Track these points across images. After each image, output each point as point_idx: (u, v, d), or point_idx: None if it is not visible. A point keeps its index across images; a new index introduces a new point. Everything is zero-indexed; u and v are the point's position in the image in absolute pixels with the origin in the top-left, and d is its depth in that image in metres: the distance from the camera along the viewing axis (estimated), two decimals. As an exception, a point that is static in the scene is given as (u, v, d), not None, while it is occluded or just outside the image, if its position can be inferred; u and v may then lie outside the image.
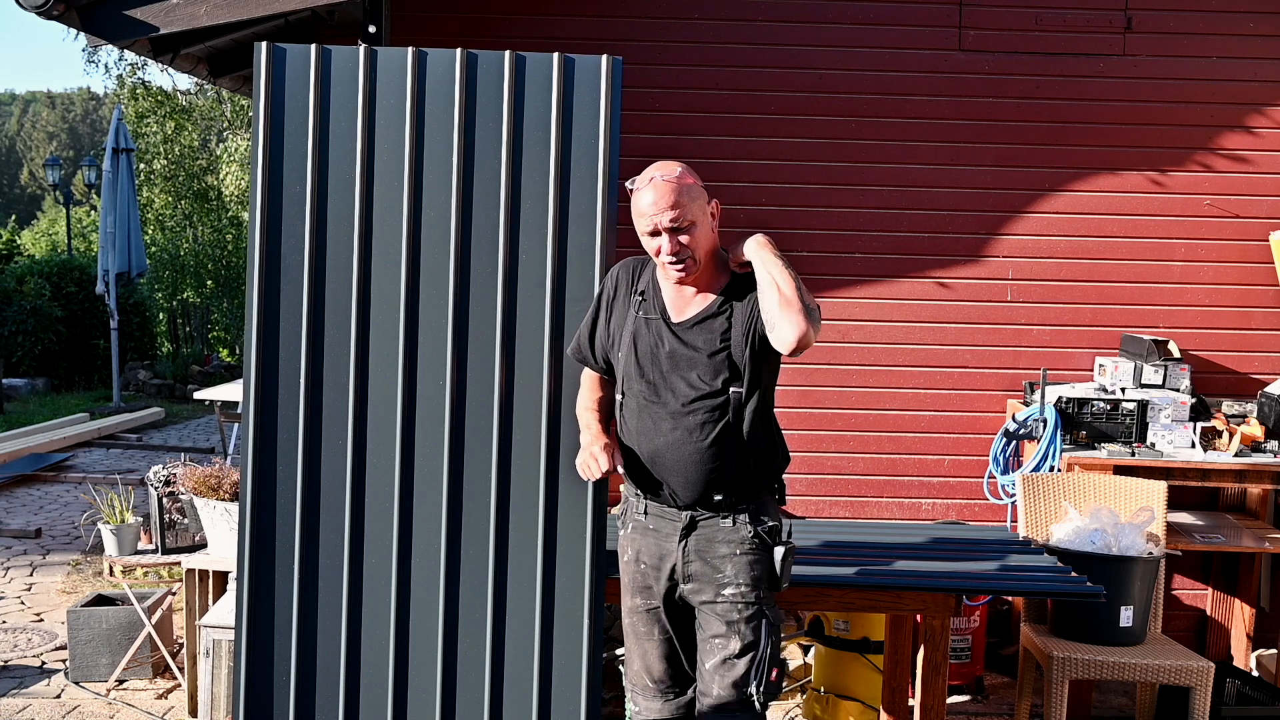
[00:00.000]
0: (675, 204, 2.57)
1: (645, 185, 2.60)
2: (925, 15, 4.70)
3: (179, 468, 4.35)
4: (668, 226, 2.57)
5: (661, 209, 2.57)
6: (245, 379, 2.95)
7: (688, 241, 2.59)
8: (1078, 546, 3.77)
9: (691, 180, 2.63)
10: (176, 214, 17.11)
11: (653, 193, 2.58)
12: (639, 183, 2.64)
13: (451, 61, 2.95)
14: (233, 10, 4.15)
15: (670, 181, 2.59)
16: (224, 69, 5.73)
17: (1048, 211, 4.76)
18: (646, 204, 2.59)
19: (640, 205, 2.60)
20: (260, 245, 2.94)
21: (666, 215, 2.56)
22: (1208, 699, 3.61)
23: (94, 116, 48.27)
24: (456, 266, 2.95)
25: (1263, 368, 4.80)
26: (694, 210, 2.60)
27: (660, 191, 2.58)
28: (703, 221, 2.62)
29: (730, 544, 2.68)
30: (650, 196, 2.58)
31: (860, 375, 4.79)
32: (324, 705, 2.96)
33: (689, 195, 2.60)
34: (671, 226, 2.57)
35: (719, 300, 2.68)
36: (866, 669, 3.96)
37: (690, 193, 2.60)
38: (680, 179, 2.60)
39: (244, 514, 2.96)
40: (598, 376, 2.87)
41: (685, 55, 4.70)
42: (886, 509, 4.83)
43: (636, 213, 2.62)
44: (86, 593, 5.41)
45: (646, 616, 2.80)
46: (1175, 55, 4.71)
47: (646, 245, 2.65)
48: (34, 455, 9.41)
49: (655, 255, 2.64)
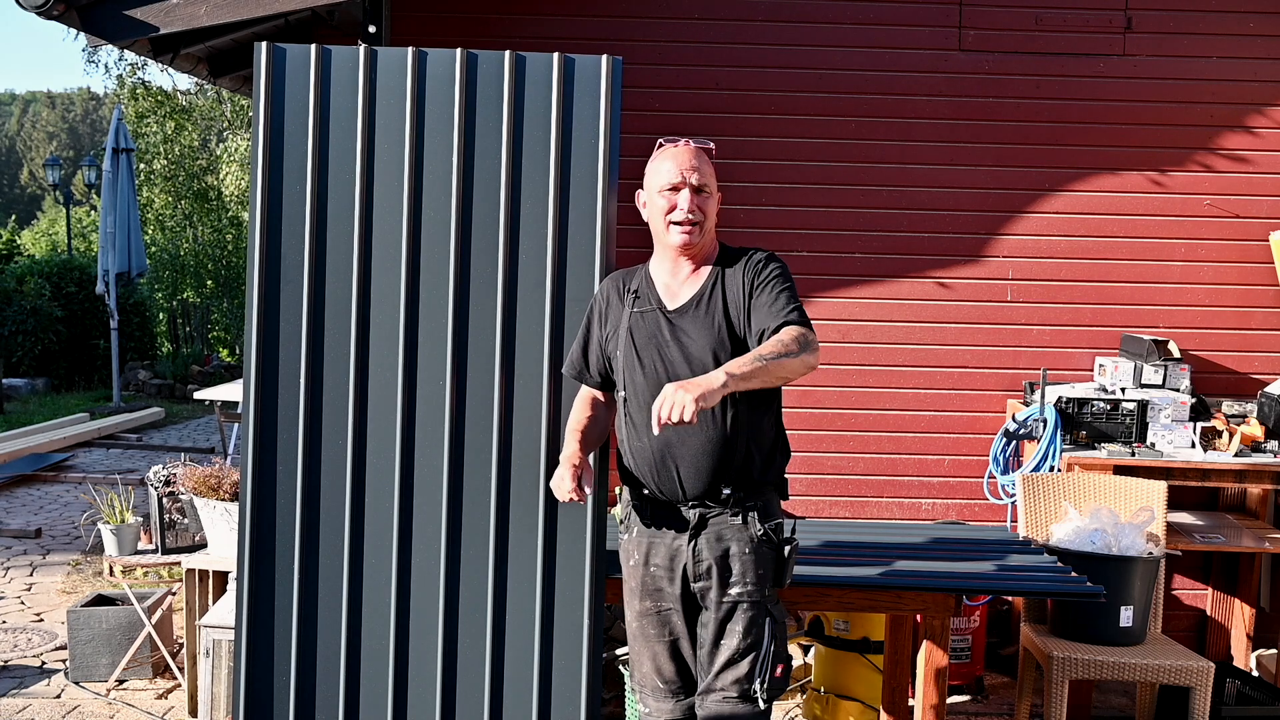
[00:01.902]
0: (704, 169, 2.71)
1: (680, 144, 2.74)
2: (925, 15, 4.70)
3: (179, 468, 4.35)
4: (694, 184, 2.68)
5: (692, 166, 2.69)
6: (245, 379, 2.95)
7: (704, 206, 2.70)
8: (1078, 546, 3.77)
9: (712, 160, 2.78)
10: (176, 214, 17.13)
11: (687, 152, 2.72)
12: (671, 143, 2.75)
13: (451, 61, 2.95)
14: (233, 10, 4.15)
15: (702, 148, 2.75)
16: (224, 69, 5.73)
17: (1048, 211, 4.76)
18: (679, 158, 2.70)
19: (669, 163, 2.70)
20: (260, 245, 2.94)
21: (695, 174, 2.68)
22: (1208, 699, 3.61)
23: (94, 116, 48.28)
24: (456, 266, 2.95)
25: (1263, 368, 4.80)
26: (713, 183, 2.74)
27: (692, 152, 2.72)
28: (716, 197, 2.76)
29: (740, 541, 2.68)
30: (685, 154, 2.71)
31: (860, 375, 4.79)
32: (324, 705, 2.96)
33: (712, 169, 2.75)
34: (697, 184, 2.68)
35: (711, 278, 2.74)
36: (866, 669, 3.96)
37: (713, 169, 2.76)
38: (710, 151, 2.77)
39: (244, 514, 2.96)
40: (590, 396, 2.87)
41: (685, 55, 4.70)
42: (886, 509, 4.83)
43: (660, 170, 2.71)
44: (86, 593, 5.41)
45: (657, 619, 2.79)
46: (1175, 55, 4.72)
47: (658, 204, 2.70)
48: (34, 455, 9.41)
49: (667, 214, 2.69)
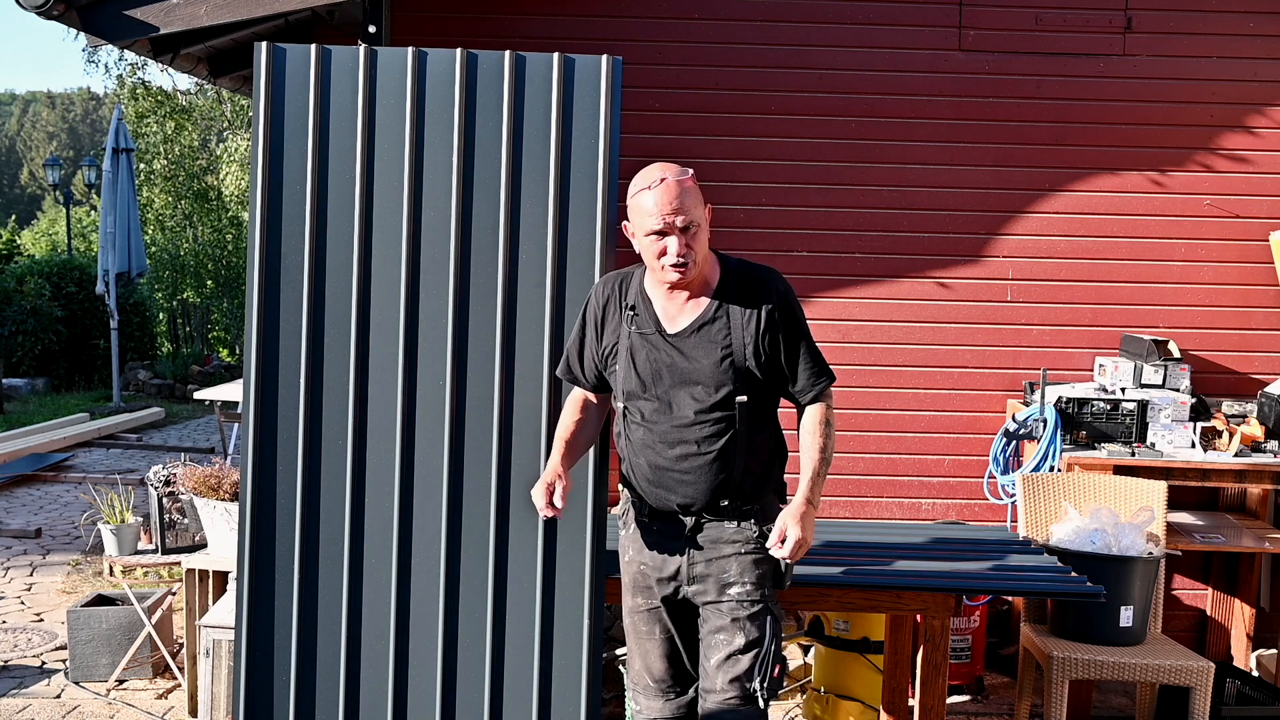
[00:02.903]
0: (687, 205, 2.55)
1: (657, 184, 2.55)
2: (925, 15, 4.70)
3: (179, 468, 4.35)
4: (679, 226, 2.54)
5: (675, 209, 2.53)
6: (245, 379, 2.95)
7: (693, 244, 2.57)
8: (1078, 546, 3.77)
9: (694, 183, 2.61)
10: (176, 214, 17.12)
11: (666, 192, 2.54)
12: (647, 180, 2.58)
13: (451, 61, 2.95)
14: (233, 10, 4.15)
15: (682, 182, 2.56)
16: (224, 69, 5.73)
17: (1048, 211, 4.76)
18: (659, 202, 2.53)
19: (650, 204, 2.55)
20: (260, 245, 2.94)
21: (679, 216, 2.53)
22: (1208, 699, 3.61)
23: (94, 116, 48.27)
24: (456, 266, 2.95)
25: (1263, 368, 4.80)
26: (699, 212, 2.58)
27: (674, 191, 2.54)
28: (704, 225, 2.61)
29: (735, 544, 2.68)
30: (665, 195, 2.53)
31: (860, 375, 4.79)
32: (324, 705, 2.96)
33: (695, 197, 2.58)
34: (682, 225, 2.54)
35: (713, 305, 2.65)
36: (866, 669, 3.96)
37: (696, 194, 2.59)
38: (690, 180, 2.59)
39: (244, 514, 2.96)
40: (581, 398, 2.84)
41: (685, 55, 4.70)
42: (886, 509, 4.83)
43: (643, 212, 2.57)
44: (86, 593, 5.41)
45: (647, 616, 2.80)
46: (1175, 55, 4.71)
47: (648, 246, 2.59)
48: (34, 455, 9.41)
49: (658, 257, 2.58)
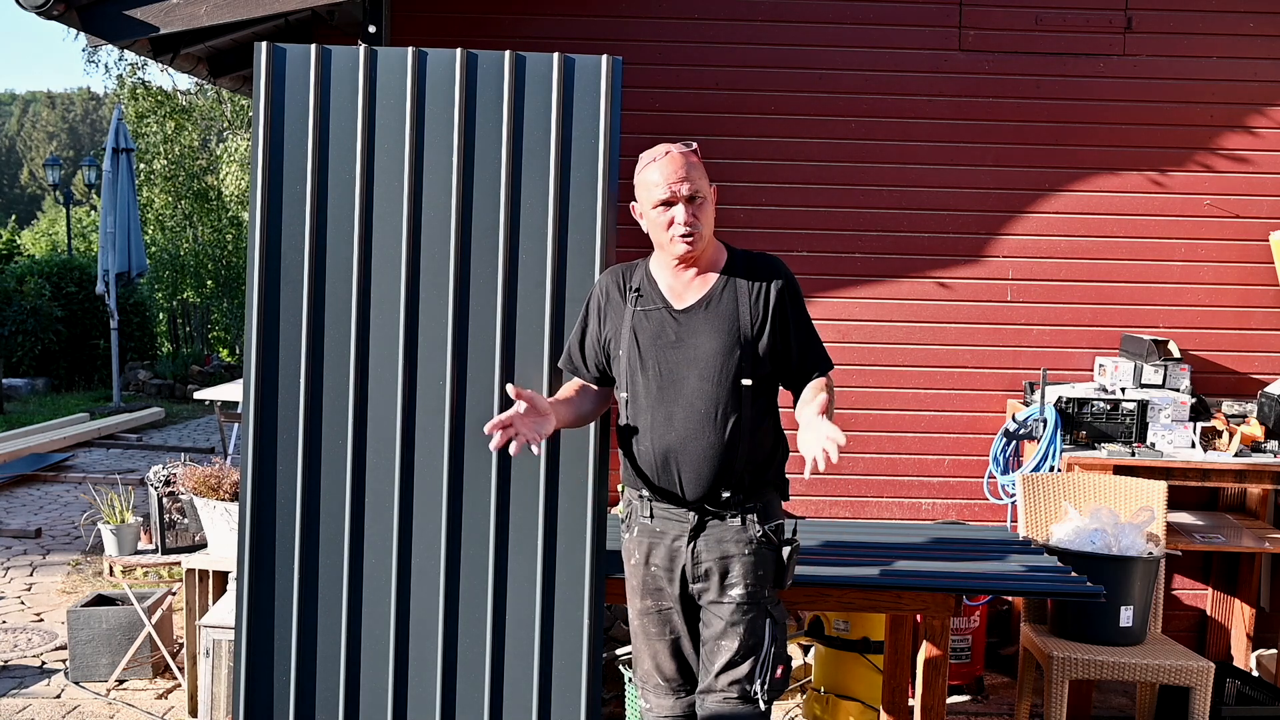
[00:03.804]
0: (693, 175, 2.62)
1: (662, 156, 2.63)
2: (925, 15, 4.70)
3: (179, 468, 4.35)
4: (685, 195, 2.60)
5: (680, 178, 2.60)
6: (245, 379, 2.95)
7: (699, 213, 2.63)
8: (1078, 546, 3.77)
9: (699, 158, 2.69)
10: (176, 214, 17.13)
11: (671, 163, 2.62)
12: (652, 155, 2.66)
13: (451, 61, 2.95)
14: (233, 10, 4.15)
15: (685, 153, 2.65)
16: (224, 69, 5.73)
17: (1048, 211, 4.76)
18: (665, 173, 2.60)
19: (655, 175, 2.62)
20: (260, 245, 2.94)
21: (685, 185, 2.60)
22: (1208, 699, 3.61)
23: (94, 116, 48.29)
24: (456, 266, 2.95)
25: (1263, 368, 4.80)
26: (705, 185, 2.66)
27: (677, 162, 2.62)
28: (710, 198, 2.68)
29: (739, 543, 2.68)
30: (671, 166, 2.61)
31: (860, 375, 4.79)
32: (324, 705, 2.96)
33: (700, 170, 2.66)
34: (689, 195, 2.61)
35: (722, 280, 2.70)
36: (866, 669, 3.96)
37: (701, 168, 2.67)
38: (694, 152, 2.68)
39: (244, 514, 2.96)
40: (577, 385, 2.85)
41: (685, 55, 4.70)
42: (886, 509, 4.83)
43: (649, 184, 2.63)
44: (86, 593, 5.41)
45: (658, 618, 2.79)
46: (1175, 55, 4.72)
47: (656, 219, 2.65)
48: (34, 455, 9.42)
49: (666, 228, 2.63)
